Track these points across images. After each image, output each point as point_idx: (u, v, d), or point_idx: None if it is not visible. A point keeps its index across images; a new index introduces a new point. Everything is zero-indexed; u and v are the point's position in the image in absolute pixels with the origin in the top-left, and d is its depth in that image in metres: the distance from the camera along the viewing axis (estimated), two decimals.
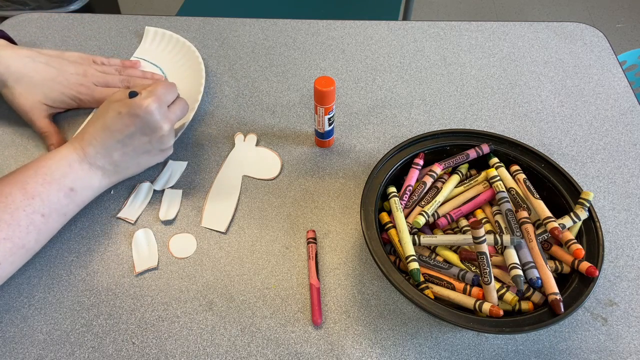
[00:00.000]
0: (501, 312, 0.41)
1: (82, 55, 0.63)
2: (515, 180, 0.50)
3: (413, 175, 0.51)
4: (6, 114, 0.60)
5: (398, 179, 0.52)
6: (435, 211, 0.49)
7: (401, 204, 0.49)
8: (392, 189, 0.50)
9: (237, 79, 0.68)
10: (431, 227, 0.50)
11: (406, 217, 0.49)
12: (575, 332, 0.47)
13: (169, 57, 0.70)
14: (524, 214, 0.46)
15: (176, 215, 0.54)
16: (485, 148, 0.52)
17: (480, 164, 0.53)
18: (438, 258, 0.47)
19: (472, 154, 0.52)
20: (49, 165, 0.48)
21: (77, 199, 0.49)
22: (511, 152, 0.52)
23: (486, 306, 0.42)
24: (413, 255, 0.45)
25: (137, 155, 0.52)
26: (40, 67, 0.58)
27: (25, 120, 0.59)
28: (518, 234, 0.46)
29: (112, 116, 0.49)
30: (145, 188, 0.56)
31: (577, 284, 0.43)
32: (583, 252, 0.44)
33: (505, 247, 0.45)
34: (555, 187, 0.49)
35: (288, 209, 0.55)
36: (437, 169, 0.51)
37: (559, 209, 0.48)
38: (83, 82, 0.61)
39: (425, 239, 0.47)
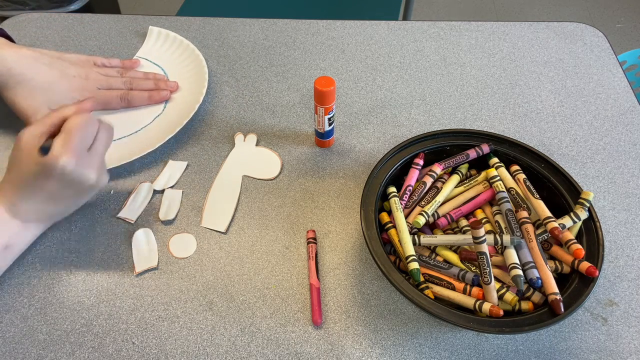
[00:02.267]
0: (501, 312, 0.41)
1: (81, 57, 0.62)
2: (515, 180, 0.50)
3: (413, 175, 0.51)
4: (6, 114, 0.59)
5: (398, 179, 0.52)
6: (435, 211, 0.49)
7: (401, 204, 0.49)
8: (392, 189, 0.50)
9: (237, 79, 0.68)
10: (431, 227, 0.50)
11: (406, 217, 0.49)
12: (575, 332, 0.47)
13: (172, 57, 0.70)
14: (524, 214, 0.46)
15: (176, 215, 0.54)
16: (485, 148, 0.52)
17: (480, 164, 0.53)
18: (438, 258, 0.47)
19: (472, 154, 0.52)
20: None
21: (13, 253, 0.48)
22: (511, 152, 0.52)
23: (486, 306, 0.42)
24: (413, 255, 0.45)
25: (72, 202, 0.49)
26: (43, 68, 0.57)
27: (26, 123, 0.58)
28: (518, 234, 0.46)
29: (30, 178, 0.45)
30: (145, 188, 0.56)
31: (577, 284, 0.43)
32: (583, 252, 0.44)
33: (505, 247, 0.45)
34: (555, 187, 0.49)
35: (288, 209, 0.55)
36: (437, 169, 0.51)
37: (559, 209, 0.48)
38: (86, 86, 0.60)
39: (425, 239, 0.47)
